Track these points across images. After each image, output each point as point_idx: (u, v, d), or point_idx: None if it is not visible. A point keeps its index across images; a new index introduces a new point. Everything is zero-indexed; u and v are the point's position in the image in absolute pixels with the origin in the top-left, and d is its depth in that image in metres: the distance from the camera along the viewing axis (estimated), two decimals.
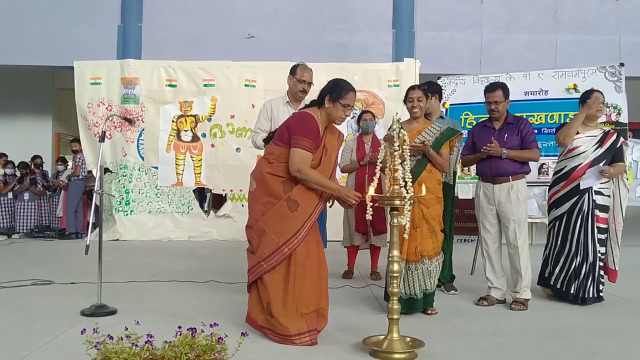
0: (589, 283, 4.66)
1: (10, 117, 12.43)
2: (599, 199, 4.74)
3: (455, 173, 5.10)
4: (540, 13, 10.47)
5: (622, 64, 6.19)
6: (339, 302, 4.45)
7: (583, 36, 10.26)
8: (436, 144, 4.28)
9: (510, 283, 4.66)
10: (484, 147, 4.55)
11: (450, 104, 6.54)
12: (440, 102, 5.29)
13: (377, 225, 5.62)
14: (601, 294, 4.73)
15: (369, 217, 3.40)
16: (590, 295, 4.66)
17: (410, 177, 3.41)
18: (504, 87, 4.63)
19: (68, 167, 10.82)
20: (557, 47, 10.05)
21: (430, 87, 4.97)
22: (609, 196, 4.80)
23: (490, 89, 4.66)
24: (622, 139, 4.87)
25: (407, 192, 3.30)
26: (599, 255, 4.73)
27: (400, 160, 3.36)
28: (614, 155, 4.78)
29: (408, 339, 3.32)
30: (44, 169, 10.89)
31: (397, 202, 3.27)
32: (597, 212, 4.73)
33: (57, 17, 10.20)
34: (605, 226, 4.80)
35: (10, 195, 10.29)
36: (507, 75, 6.39)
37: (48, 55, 10.18)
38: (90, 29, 10.19)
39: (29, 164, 10.74)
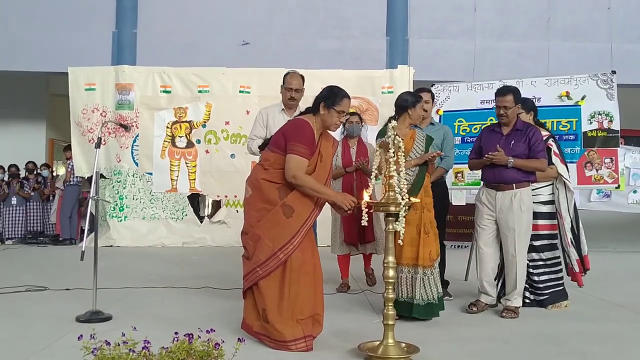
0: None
1: (4, 123, 12.39)
2: None
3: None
4: (532, 21, 10.55)
5: (614, 72, 6.24)
6: (334, 308, 4.46)
7: (575, 44, 10.34)
8: (425, 150, 4.42)
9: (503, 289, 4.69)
10: (487, 155, 4.46)
11: (444, 111, 6.57)
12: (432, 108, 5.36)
13: (366, 234, 5.36)
14: (532, 298, 4.77)
15: (364, 222, 3.44)
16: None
17: (405, 183, 3.44)
18: (515, 92, 4.52)
19: (60, 174, 10.80)
20: (550, 55, 10.14)
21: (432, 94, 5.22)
22: (542, 203, 4.82)
23: (501, 92, 4.54)
24: (549, 141, 4.87)
25: (402, 199, 3.33)
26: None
27: (395, 167, 3.39)
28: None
29: (403, 344, 3.34)
30: (36, 174, 10.82)
31: (392, 208, 3.30)
32: None
33: (51, 23, 10.19)
34: (534, 233, 4.72)
35: None
36: (500, 83, 6.41)
37: (42, 61, 10.17)
38: (85, 35, 10.18)
39: (19, 168, 10.68)
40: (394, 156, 3.40)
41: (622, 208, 9.48)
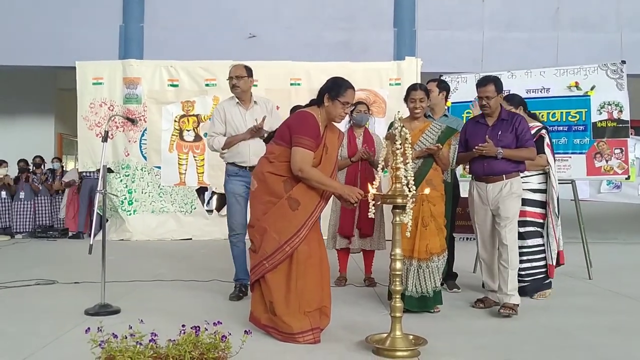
0: None
1: (12, 118, 12.46)
2: None
3: (452, 171, 5.09)
4: (541, 11, 10.46)
5: (623, 62, 6.18)
6: (341, 301, 4.46)
7: (584, 34, 10.24)
8: (438, 143, 4.33)
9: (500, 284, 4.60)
10: (476, 147, 4.31)
11: (452, 102, 6.52)
12: (446, 99, 5.33)
13: (364, 228, 5.22)
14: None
15: (371, 215, 3.43)
16: None
17: (412, 175, 3.43)
18: (495, 81, 4.35)
19: (68, 169, 10.82)
20: (559, 46, 10.04)
21: (440, 83, 5.17)
22: (532, 190, 4.83)
23: (481, 83, 4.38)
24: (541, 131, 4.87)
25: (409, 190, 3.32)
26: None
27: (402, 159, 3.37)
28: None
29: (411, 336, 3.33)
30: (44, 168, 10.84)
31: (399, 200, 3.29)
32: None
33: (59, 17, 10.21)
34: (521, 219, 4.66)
35: (3, 194, 10.28)
36: (509, 73, 6.38)
37: (50, 55, 10.19)
38: (92, 29, 10.19)
39: (27, 163, 10.71)
40: (401, 148, 3.38)
41: (632, 199, 9.41)
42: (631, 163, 6.38)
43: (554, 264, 4.93)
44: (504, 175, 4.34)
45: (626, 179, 6.55)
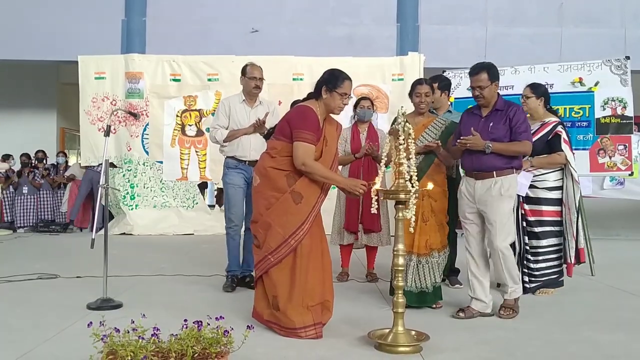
0: None
1: (14, 112, 12.44)
2: (530, 192, 4.74)
3: (457, 167, 5.07)
4: (545, 6, 10.41)
5: (627, 57, 6.15)
6: (344, 296, 4.46)
7: (588, 30, 10.19)
8: (441, 138, 4.31)
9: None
10: (460, 140, 4.00)
11: (455, 98, 6.49)
12: (448, 96, 5.31)
13: (367, 223, 5.17)
14: (526, 286, 4.65)
15: (374, 210, 3.42)
16: None
17: (415, 171, 3.41)
18: (489, 69, 4.02)
19: (71, 164, 10.79)
20: (562, 41, 10.00)
21: (440, 82, 5.08)
22: (548, 189, 4.77)
23: (473, 72, 4.06)
24: (558, 128, 4.78)
25: (413, 186, 3.31)
26: (525, 247, 4.78)
27: (405, 154, 3.36)
28: (550, 146, 4.71)
29: (413, 332, 3.33)
30: (46, 163, 10.83)
31: (402, 195, 3.28)
32: (525, 205, 4.75)
33: (61, 11, 10.19)
34: (537, 219, 4.70)
35: (10, 188, 10.28)
36: (512, 69, 6.36)
37: (52, 49, 10.17)
38: (95, 23, 10.17)
39: (32, 157, 10.71)
40: (404, 143, 3.37)
41: (635, 195, 9.37)
42: (634, 159, 6.36)
43: (573, 262, 4.87)
44: (494, 172, 3.97)
45: (629, 175, 6.53)
